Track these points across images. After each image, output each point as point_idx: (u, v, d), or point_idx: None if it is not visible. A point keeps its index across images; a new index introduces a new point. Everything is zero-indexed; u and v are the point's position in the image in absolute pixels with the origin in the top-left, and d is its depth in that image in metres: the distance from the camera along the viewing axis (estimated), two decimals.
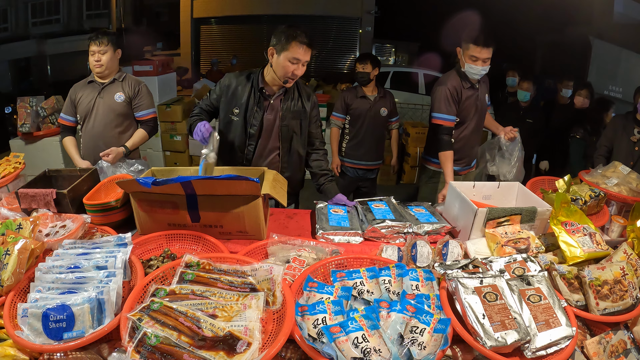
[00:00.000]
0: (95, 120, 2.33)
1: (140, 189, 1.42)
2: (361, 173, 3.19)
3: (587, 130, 3.37)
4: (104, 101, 2.32)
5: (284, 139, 1.94)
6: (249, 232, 1.53)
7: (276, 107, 1.91)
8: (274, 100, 1.91)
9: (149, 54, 9.04)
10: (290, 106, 1.92)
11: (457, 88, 2.26)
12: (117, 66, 2.36)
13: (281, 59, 1.77)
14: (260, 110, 1.89)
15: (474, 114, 2.33)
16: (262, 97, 1.89)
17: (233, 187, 1.40)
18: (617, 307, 1.19)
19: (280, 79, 1.81)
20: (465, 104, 2.28)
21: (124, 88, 2.35)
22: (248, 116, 1.89)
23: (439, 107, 2.26)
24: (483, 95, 2.37)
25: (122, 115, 2.35)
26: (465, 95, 2.27)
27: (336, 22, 9.07)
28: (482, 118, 2.40)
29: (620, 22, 5.98)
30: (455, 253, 1.39)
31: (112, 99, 2.32)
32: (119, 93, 2.33)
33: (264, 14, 8.97)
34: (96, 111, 2.32)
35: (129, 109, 2.37)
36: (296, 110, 1.93)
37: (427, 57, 7.95)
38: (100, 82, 2.33)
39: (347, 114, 3.10)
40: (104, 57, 2.25)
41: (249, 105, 1.88)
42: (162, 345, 0.91)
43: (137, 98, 2.38)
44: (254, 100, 1.88)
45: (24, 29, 8.84)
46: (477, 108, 2.33)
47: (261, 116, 1.89)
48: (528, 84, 3.63)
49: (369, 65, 3.00)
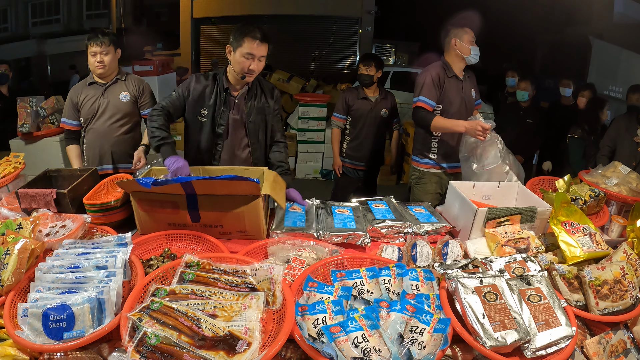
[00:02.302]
0: (101, 120, 2.31)
1: (140, 188, 1.42)
2: (362, 174, 3.17)
3: (585, 130, 3.37)
4: (109, 101, 2.29)
5: (252, 135, 1.98)
6: (249, 232, 1.53)
7: (241, 105, 1.95)
8: (239, 99, 1.94)
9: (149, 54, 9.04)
10: (255, 103, 1.96)
11: (440, 75, 2.30)
12: (117, 66, 2.34)
13: (237, 55, 1.82)
14: (227, 110, 1.94)
15: (459, 105, 2.33)
16: (227, 97, 1.93)
17: (233, 187, 1.40)
18: (617, 307, 1.19)
19: (238, 75, 1.85)
20: (448, 91, 2.31)
21: (128, 87, 2.32)
22: (216, 116, 1.93)
23: (419, 91, 2.31)
24: (469, 90, 2.40)
25: (128, 114, 2.34)
26: (448, 83, 2.31)
27: (336, 22, 9.06)
28: (469, 112, 2.39)
29: (620, 22, 5.98)
30: (455, 253, 1.39)
31: (118, 98, 2.29)
32: (124, 92, 2.31)
33: (264, 14, 8.96)
34: (101, 112, 2.30)
35: (134, 107, 2.35)
36: (260, 107, 1.97)
37: (427, 57, 7.93)
38: (102, 82, 2.31)
39: (348, 114, 3.08)
40: (107, 58, 2.23)
41: (216, 106, 1.93)
42: (162, 345, 0.91)
43: (143, 97, 2.36)
44: (220, 101, 1.92)
45: (24, 29, 8.85)
46: (462, 99, 2.34)
47: (228, 115, 1.94)
48: (527, 83, 3.63)
49: (373, 67, 2.97)
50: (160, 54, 9.46)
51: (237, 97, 1.94)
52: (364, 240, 1.53)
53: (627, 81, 5.60)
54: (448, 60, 2.34)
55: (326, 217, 1.66)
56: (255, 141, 2.00)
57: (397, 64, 11.23)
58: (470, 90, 2.41)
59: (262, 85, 2.01)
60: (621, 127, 2.76)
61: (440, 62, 2.36)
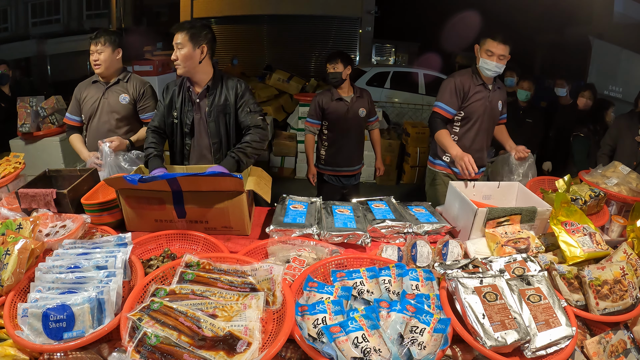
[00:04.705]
0: (100, 121, 2.31)
1: (127, 185, 1.45)
2: (344, 180, 2.97)
3: (590, 129, 3.38)
4: (108, 102, 2.28)
5: (213, 135, 1.99)
6: (233, 228, 1.58)
7: (202, 105, 1.98)
8: (200, 99, 1.97)
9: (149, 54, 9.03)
10: (214, 102, 1.96)
11: (465, 83, 2.26)
12: (118, 66, 2.31)
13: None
14: (191, 110, 1.97)
15: (482, 115, 2.29)
16: (189, 97, 1.97)
17: (217, 183, 1.45)
18: (617, 307, 1.19)
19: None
20: (473, 100, 2.27)
21: (128, 89, 2.31)
22: (182, 117, 1.98)
23: (441, 96, 2.28)
24: (496, 101, 2.33)
25: (127, 117, 2.32)
26: (473, 91, 2.26)
27: (336, 22, 9.06)
28: (492, 123, 2.36)
29: (620, 22, 5.98)
30: (455, 253, 1.39)
31: (117, 100, 2.29)
32: (123, 94, 2.30)
33: (264, 14, 8.97)
34: (100, 112, 2.29)
35: (133, 110, 2.34)
36: (220, 105, 1.97)
37: (427, 57, 7.94)
38: (104, 82, 2.30)
39: (323, 119, 2.85)
40: (102, 57, 2.22)
41: (182, 106, 1.97)
42: (162, 345, 0.91)
43: (143, 100, 2.34)
44: (184, 101, 1.97)
45: (24, 29, 8.85)
46: (486, 109, 2.30)
47: (192, 116, 1.98)
48: (527, 83, 3.63)
49: (339, 64, 2.72)
50: (160, 54, 9.45)
51: (198, 95, 1.96)
52: (364, 240, 1.53)
53: (627, 81, 5.60)
54: (478, 68, 2.29)
55: (326, 217, 1.66)
56: (217, 141, 2.00)
57: (397, 64, 11.22)
58: (498, 102, 2.35)
59: (224, 81, 1.99)
60: (623, 126, 2.76)
61: (471, 69, 2.32)
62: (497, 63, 2.19)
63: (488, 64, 2.20)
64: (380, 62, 10.96)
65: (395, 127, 5.87)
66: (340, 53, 2.79)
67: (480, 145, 2.37)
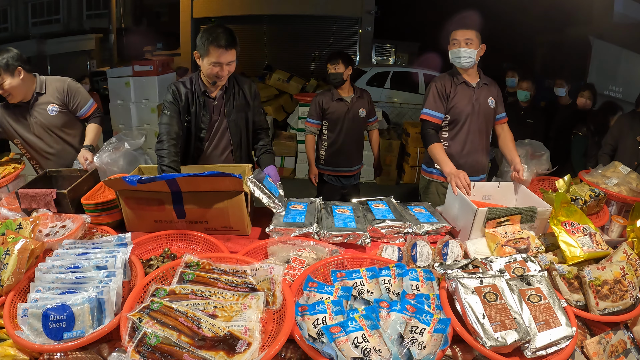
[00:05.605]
0: (45, 142, 2.15)
1: (126, 187, 1.45)
2: (344, 180, 2.98)
3: (590, 129, 3.37)
4: (39, 120, 2.10)
5: (234, 134, 1.99)
6: (233, 227, 1.58)
7: (220, 106, 1.95)
8: (217, 100, 1.94)
9: (149, 54, 9.05)
10: (233, 102, 1.95)
11: (446, 84, 2.18)
12: (28, 82, 2.05)
13: (205, 63, 1.79)
14: (207, 113, 1.93)
15: (470, 114, 2.18)
16: (205, 100, 1.92)
17: (217, 184, 1.44)
18: (617, 307, 1.19)
19: (210, 80, 1.85)
20: (456, 101, 2.17)
21: (51, 98, 2.11)
22: (197, 121, 1.92)
23: (426, 102, 2.21)
24: (484, 98, 2.19)
25: (64, 124, 2.16)
26: (455, 91, 2.17)
27: (336, 22, 9.07)
28: (484, 122, 2.23)
29: (620, 22, 5.98)
30: (455, 253, 1.39)
31: (47, 114, 2.10)
32: (50, 105, 2.10)
33: (264, 14, 8.97)
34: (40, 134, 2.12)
35: (67, 115, 2.17)
36: (239, 105, 1.97)
37: (427, 57, 7.94)
38: (25, 102, 2.07)
39: (323, 119, 2.86)
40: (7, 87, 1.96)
41: (197, 110, 1.91)
42: (162, 345, 0.91)
43: (72, 99, 2.16)
44: (199, 105, 1.91)
45: (24, 29, 8.86)
46: (473, 108, 2.17)
47: (209, 119, 1.93)
48: (527, 84, 3.63)
49: (340, 64, 2.73)
50: (160, 54, 9.47)
51: (215, 98, 1.93)
52: (364, 240, 1.53)
53: (627, 81, 5.60)
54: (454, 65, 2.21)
55: (326, 217, 1.65)
56: (238, 140, 2.01)
57: (397, 64, 11.23)
58: (487, 99, 2.20)
59: (240, 82, 1.98)
60: (624, 126, 2.75)
61: (451, 70, 2.24)
62: (464, 48, 2.07)
63: (454, 53, 2.11)
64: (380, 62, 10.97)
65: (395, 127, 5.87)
66: (341, 53, 2.79)
67: (473, 148, 2.23)
